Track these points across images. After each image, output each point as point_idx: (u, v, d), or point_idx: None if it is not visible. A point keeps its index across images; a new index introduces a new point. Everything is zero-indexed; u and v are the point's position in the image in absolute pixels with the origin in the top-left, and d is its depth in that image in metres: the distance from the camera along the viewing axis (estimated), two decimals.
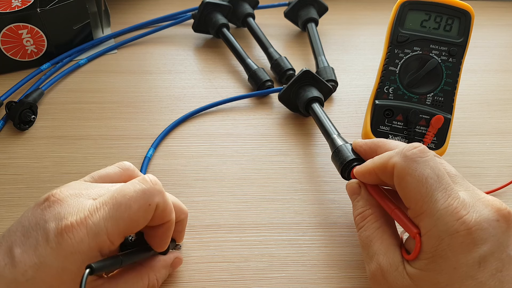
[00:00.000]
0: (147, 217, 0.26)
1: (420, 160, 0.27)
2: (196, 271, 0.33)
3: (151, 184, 0.26)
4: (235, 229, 0.36)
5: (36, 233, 0.25)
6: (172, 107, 0.46)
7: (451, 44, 0.40)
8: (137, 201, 0.26)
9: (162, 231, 0.28)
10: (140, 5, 0.59)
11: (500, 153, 0.42)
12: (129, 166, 0.31)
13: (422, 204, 0.26)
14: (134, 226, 0.26)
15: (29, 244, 0.24)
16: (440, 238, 0.25)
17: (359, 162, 0.34)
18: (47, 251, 0.24)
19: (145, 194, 0.26)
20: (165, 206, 0.27)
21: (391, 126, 0.40)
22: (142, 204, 0.26)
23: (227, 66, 0.51)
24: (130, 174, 0.31)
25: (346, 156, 0.35)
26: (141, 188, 0.26)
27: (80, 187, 0.28)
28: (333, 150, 0.36)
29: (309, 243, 0.35)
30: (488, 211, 0.26)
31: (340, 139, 0.37)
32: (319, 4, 0.55)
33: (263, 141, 0.43)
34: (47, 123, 0.43)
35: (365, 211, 0.31)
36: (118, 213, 0.25)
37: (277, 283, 0.33)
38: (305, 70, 0.42)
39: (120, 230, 0.25)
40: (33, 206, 0.26)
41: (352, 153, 0.35)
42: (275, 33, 0.56)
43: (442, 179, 0.27)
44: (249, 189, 0.39)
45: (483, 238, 0.25)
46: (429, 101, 0.40)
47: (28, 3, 0.45)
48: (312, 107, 0.42)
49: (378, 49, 0.44)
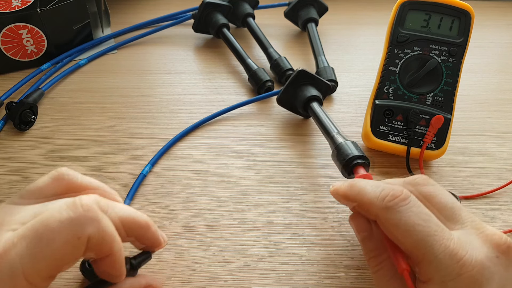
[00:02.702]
0: (76, 253, 0.21)
1: (402, 209, 0.26)
2: (196, 271, 0.33)
3: (81, 211, 0.21)
4: (235, 229, 0.36)
5: None
6: (172, 107, 0.46)
7: (451, 44, 0.40)
8: (62, 233, 0.21)
9: (107, 264, 0.23)
10: (140, 5, 0.59)
11: (500, 153, 0.42)
12: (63, 175, 0.25)
13: (418, 253, 0.25)
14: (59, 264, 0.21)
15: None
16: (444, 283, 0.24)
17: (363, 159, 0.33)
18: None
19: (72, 224, 0.21)
20: (102, 237, 0.22)
21: (391, 126, 0.40)
22: (68, 237, 0.21)
23: (227, 66, 0.51)
24: (67, 184, 0.25)
25: (347, 153, 0.34)
26: (68, 217, 0.21)
27: (3, 213, 0.23)
28: (333, 148, 0.36)
29: (309, 243, 0.35)
30: (487, 248, 0.25)
31: (340, 137, 0.36)
32: (319, 4, 0.55)
33: (263, 141, 0.43)
34: (47, 123, 0.43)
35: (379, 256, 0.28)
36: (37, 250, 0.21)
37: (277, 283, 0.33)
38: (300, 70, 0.42)
39: (40, 270, 0.21)
40: None
41: (354, 149, 0.34)
42: (275, 33, 0.56)
43: (431, 222, 0.25)
44: (249, 189, 0.39)
45: (486, 277, 0.24)
46: (429, 101, 0.40)
47: (28, 3, 0.45)
48: (311, 107, 0.41)
49: (378, 49, 0.44)
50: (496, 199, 0.39)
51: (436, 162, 0.42)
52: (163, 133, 0.43)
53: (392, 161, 0.42)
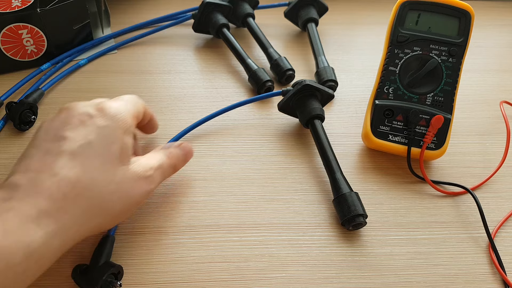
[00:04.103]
0: (140, 111, 0.35)
1: None
2: (196, 271, 0.33)
3: (134, 98, 0.35)
4: (235, 229, 0.36)
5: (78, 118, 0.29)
6: (172, 107, 0.46)
7: (451, 44, 0.40)
8: (136, 103, 0.34)
9: (151, 123, 0.38)
10: (140, 5, 0.59)
11: (500, 153, 0.42)
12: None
13: None
14: (138, 117, 0.34)
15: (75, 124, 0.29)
16: None
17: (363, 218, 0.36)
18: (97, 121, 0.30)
19: (137, 103, 0.35)
20: (146, 108, 0.36)
21: (391, 126, 0.40)
22: (138, 105, 0.34)
23: (227, 66, 0.51)
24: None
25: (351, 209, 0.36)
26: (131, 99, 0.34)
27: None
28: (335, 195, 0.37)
29: (309, 243, 0.35)
30: None
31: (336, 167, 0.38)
32: (319, 4, 0.55)
33: (263, 141, 0.43)
34: None
35: None
36: (130, 107, 0.33)
37: (277, 283, 0.33)
38: (305, 84, 0.41)
39: (133, 115, 0.33)
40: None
41: (358, 203, 0.36)
42: (275, 33, 0.56)
43: None
44: (249, 189, 0.39)
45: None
46: (429, 101, 0.40)
47: (28, 3, 0.45)
48: (313, 124, 0.41)
49: (378, 49, 0.44)
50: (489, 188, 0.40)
51: (436, 162, 0.42)
52: (163, 133, 0.43)
53: (392, 161, 0.42)
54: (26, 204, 0.25)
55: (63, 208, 0.26)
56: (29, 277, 0.25)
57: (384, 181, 0.40)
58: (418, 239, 0.36)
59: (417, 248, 0.36)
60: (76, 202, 0.26)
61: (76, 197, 0.26)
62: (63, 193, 0.26)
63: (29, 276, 0.25)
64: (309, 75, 0.50)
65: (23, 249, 0.24)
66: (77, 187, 0.26)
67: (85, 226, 0.28)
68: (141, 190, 0.30)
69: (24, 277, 0.25)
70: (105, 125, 0.29)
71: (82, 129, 0.28)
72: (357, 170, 0.41)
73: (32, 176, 0.26)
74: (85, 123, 0.29)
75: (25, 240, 0.24)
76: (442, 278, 0.34)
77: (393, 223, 0.37)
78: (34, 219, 0.25)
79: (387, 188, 0.40)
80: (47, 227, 0.25)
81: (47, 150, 0.27)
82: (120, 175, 0.29)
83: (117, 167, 0.29)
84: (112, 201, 0.28)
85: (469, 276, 0.34)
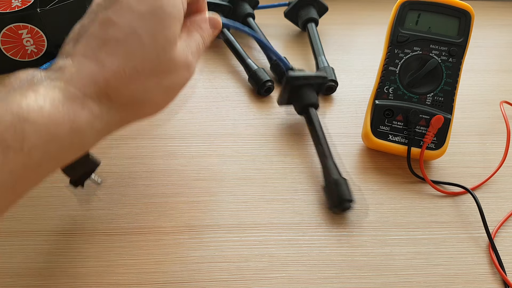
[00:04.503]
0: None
1: None
2: (196, 271, 0.33)
3: None
4: (235, 229, 0.36)
5: None
6: (172, 107, 0.46)
7: (451, 44, 0.40)
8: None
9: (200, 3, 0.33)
10: None
11: (500, 153, 0.42)
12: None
13: None
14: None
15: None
16: None
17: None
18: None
19: None
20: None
21: (391, 126, 0.40)
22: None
23: (227, 66, 0.51)
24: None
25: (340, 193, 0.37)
26: None
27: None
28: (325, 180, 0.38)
29: (309, 243, 0.35)
30: None
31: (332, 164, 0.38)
32: (319, 4, 0.55)
33: (263, 141, 0.43)
34: None
35: None
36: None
37: (277, 283, 0.33)
38: (287, 77, 0.41)
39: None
40: None
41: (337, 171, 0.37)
42: (275, 33, 0.56)
43: None
44: (249, 189, 0.39)
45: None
46: (429, 101, 0.40)
47: (28, 3, 0.45)
48: (308, 113, 0.42)
49: (378, 49, 0.44)
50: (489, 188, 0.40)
51: (436, 162, 0.42)
52: (163, 133, 0.43)
53: (392, 161, 0.42)
54: (72, 86, 0.25)
55: (107, 96, 0.26)
56: (70, 153, 0.26)
57: (384, 181, 0.40)
58: (418, 239, 0.36)
59: (417, 248, 0.36)
60: (119, 92, 0.27)
61: (119, 87, 0.27)
62: (107, 81, 0.26)
63: (71, 153, 0.26)
64: None
65: (70, 122, 0.24)
66: (122, 77, 0.27)
67: (126, 114, 0.28)
68: (183, 79, 0.30)
69: (66, 152, 0.25)
70: (151, 12, 0.27)
71: (128, 15, 0.27)
72: (357, 170, 0.41)
73: (78, 60, 0.26)
74: (132, 8, 0.27)
75: (71, 115, 0.24)
76: (442, 278, 0.34)
77: (393, 223, 0.37)
78: (79, 100, 0.25)
79: (387, 188, 0.40)
80: (91, 109, 0.26)
81: (94, 35, 0.27)
82: (165, 65, 0.29)
83: (162, 57, 0.28)
84: (154, 91, 0.29)
85: (469, 276, 0.34)
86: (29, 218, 0.36)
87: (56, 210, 0.36)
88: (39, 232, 0.35)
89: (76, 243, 0.34)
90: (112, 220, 0.36)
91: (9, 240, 0.34)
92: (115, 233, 0.35)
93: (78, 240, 0.35)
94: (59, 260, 0.33)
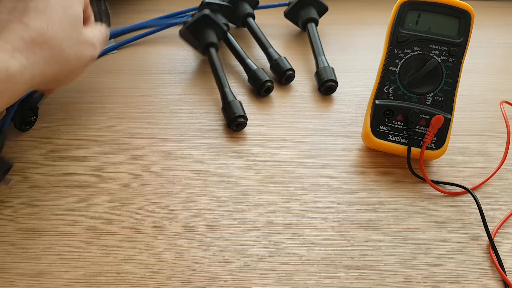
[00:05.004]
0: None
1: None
2: (196, 271, 0.33)
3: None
4: (235, 229, 0.36)
5: None
6: (172, 107, 0.46)
7: (451, 44, 0.40)
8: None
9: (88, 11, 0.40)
10: (140, 5, 0.59)
11: (500, 153, 0.42)
12: None
13: None
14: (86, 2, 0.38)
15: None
16: None
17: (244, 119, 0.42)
18: None
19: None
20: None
21: (391, 126, 0.40)
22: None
23: (227, 66, 0.51)
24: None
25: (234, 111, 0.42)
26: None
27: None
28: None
29: (309, 243, 0.35)
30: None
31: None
32: (319, 4, 0.55)
33: (263, 141, 0.43)
34: (47, 123, 0.43)
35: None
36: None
37: (277, 283, 0.33)
38: (204, 15, 0.48)
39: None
40: None
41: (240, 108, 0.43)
42: (275, 33, 0.56)
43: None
44: (249, 189, 0.39)
45: None
46: (429, 101, 0.40)
47: None
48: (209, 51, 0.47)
49: (378, 49, 0.44)
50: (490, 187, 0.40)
51: (436, 162, 0.42)
52: (163, 133, 0.43)
53: (392, 161, 0.42)
54: (2, 41, 0.30)
55: (32, 50, 0.32)
56: (3, 99, 0.31)
57: (384, 181, 0.40)
58: (418, 239, 0.36)
59: (417, 248, 0.36)
60: (42, 48, 0.32)
61: (42, 44, 0.32)
62: (32, 38, 0.32)
63: (4, 99, 0.31)
64: (309, 75, 0.50)
65: (4, 70, 0.29)
66: (43, 36, 0.32)
67: (48, 69, 0.33)
68: (89, 53, 0.37)
69: (2, 97, 0.30)
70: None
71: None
72: (357, 170, 0.41)
73: (4, 23, 0.32)
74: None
75: (5, 63, 0.30)
76: (442, 278, 0.34)
77: (393, 223, 0.37)
78: (10, 52, 0.30)
79: (387, 188, 0.40)
80: (20, 61, 0.31)
81: (14, 7, 0.33)
82: (76, 35, 0.35)
83: (73, 28, 0.35)
84: (69, 54, 0.35)
85: (469, 276, 0.34)
86: (29, 218, 0.36)
87: (56, 210, 0.36)
88: (39, 232, 0.35)
89: (76, 243, 0.34)
90: (112, 220, 0.36)
91: (9, 240, 0.34)
92: (115, 233, 0.35)
93: (78, 240, 0.35)
94: (59, 260, 0.33)
